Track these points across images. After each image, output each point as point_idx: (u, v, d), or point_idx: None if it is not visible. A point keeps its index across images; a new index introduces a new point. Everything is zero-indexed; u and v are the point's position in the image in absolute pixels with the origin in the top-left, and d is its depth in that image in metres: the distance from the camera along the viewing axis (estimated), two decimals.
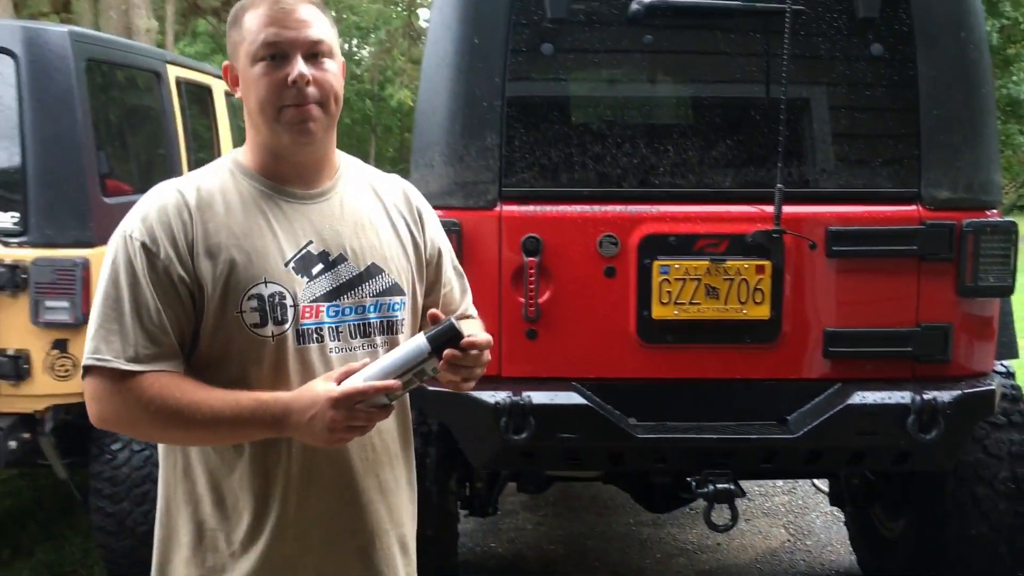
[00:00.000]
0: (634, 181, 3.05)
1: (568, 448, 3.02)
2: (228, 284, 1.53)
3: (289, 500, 1.59)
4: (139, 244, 1.52)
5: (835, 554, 4.37)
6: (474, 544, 4.46)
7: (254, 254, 1.55)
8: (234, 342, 1.55)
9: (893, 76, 3.05)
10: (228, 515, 1.60)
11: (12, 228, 3.44)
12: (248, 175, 1.63)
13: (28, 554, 4.22)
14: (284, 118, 1.56)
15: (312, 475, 1.60)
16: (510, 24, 3.00)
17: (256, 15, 1.57)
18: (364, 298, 1.64)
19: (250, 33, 1.56)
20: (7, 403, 3.44)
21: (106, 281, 1.54)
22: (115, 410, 1.53)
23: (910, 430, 2.88)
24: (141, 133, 4.62)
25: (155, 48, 5.90)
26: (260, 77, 1.55)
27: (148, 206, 1.56)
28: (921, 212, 2.99)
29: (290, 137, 1.57)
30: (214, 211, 1.57)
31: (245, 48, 1.57)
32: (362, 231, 1.66)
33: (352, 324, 1.62)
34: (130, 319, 1.51)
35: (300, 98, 1.55)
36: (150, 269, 1.52)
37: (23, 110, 3.44)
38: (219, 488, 1.60)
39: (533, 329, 3.02)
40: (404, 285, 1.70)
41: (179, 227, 1.53)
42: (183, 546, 1.62)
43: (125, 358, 1.50)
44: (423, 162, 3.07)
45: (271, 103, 1.55)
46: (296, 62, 1.55)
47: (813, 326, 3.01)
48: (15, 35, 3.48)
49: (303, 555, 1.62)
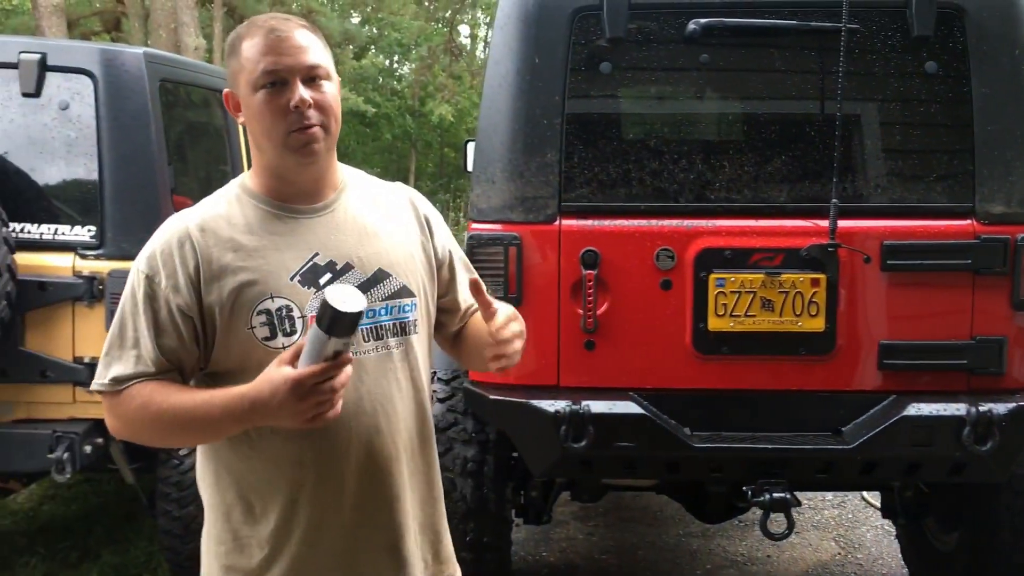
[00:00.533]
0: (690, 196, 3.12)
1: (625, 457, 3.09)
2: (238, 302, 1.63)
3: (318, 502, 1.67)
4: (143, 276, 1.65)
5: (886, 567, 4.38)
6: (526, 553, 4.53)
7: (260, 272, 1.64)
8: (250, 355, 1.63)
9: (947, 93, 3.09)
10: (257, 521, 1.68)
11: (89, 241, 3.58)
12: (254, 197, 1.71)
13: (95, 557, 4.36)
14: (290, 142, 1.63)
15: (343, 477, 1.68)
16: (569, 44, 3.09)
17: (253, 44, 1.64)
18: (374, 302, 1.70)
19: (249, 62, 1.63)
20: (83, 409, 3.58)
21: (120, 307, 1.67)
22: (117, 423, 1.66)
23: (965, 442, 2.91)
24: (205, 149, 4.77)
25: (219, 68, 6.08)
26: (263, 104, 1.62)
27: (156, 240, 1.68)
28: (976, 226, 3.03)
29: (295, 159, 1.66)
30: (219, 236, 1.65)
31: (245, 77, 1.64)
32: (367, 239, 1.74)
33: (365, 328, 1.69)
34: (129, 344, 1.63)
35: (303, 121, 1.63)
36: (151, 299, 1.63)
37: (100, 128, 3.58)
38: (247, 496, 1.68)
39: (591, 340, 3.09)
40: (414, 287, 1.77)
41: (180, 260, 1.63)
42: (221, 554, 1.71)
43: (112, 379, 1.63)
44: (484, 178, 3.17)
45: (277, 129, 1.63)
46: (296, 87, 1.62)
47: (868, 338, 3.06)
48: (93, 57, 3.63)
49: (333, 556, 1.70)
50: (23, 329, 3.52)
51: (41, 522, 4.86)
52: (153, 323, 1.63)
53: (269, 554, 1.68)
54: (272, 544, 1.68)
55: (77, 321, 3.53)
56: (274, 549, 1.68)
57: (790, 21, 3.05)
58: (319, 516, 1.68)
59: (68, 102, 3.60)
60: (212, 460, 1.72)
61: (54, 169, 3.65)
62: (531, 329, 3.05)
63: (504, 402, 3.08)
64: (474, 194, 3.21)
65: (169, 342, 1.63)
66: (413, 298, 1.77)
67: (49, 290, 3.50)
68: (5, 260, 3.34)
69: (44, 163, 3.64)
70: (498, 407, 3.08)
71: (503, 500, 3.46)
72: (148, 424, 1.63)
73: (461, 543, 3.35)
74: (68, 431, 3.49)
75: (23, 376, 3.52)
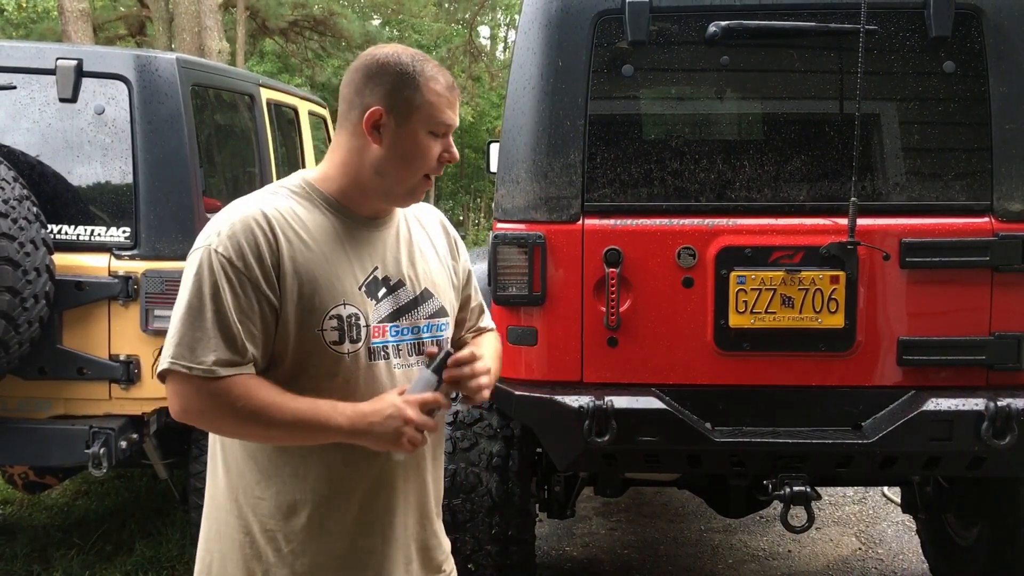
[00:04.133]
0: (711, 195, 3.17)
1: (648, 451, 3.15)
2: (311, 304, 1.68)
3: (355, 501, 1.76)
4: (224, 259, 1.63)
5: (907, 562, 4.42)
6: (549, 547, 4.60)
7: (334, 277, 1.71)
8: (312, 356, 1.69)
9: (965, 92, 3.13)
10: (287, 516, 1.74)
11: (124, 242, 3.68)
12: (326, 200, 1.77)
13: (129, 550, 4.46)
14: (418, 185, 1.77)
15: (384, 476, 1.77)
16: (592, 47, 3.16)
17: (438, 92, 1.73)
18: (419, 320, 1.83)
19: (431, 107, 1.72)
20: (118, 405, 3.68)
21: (189, 292, 1.64)
22: (200, 409, 1.65)
23: (984, 436, 2.95)
24: (236, 152, 4.87)
25: (249, 72, 6.19)
26: (427, 148, 1.74)
27: (231, 222, 1.66)
28: (994, 224, 3.06)
29: (406, 198, 1.80)
30: (294, 232, 1.70)
31: (422, 115, 1.72)
32: (415, 259, 1.86)
33: (409, 343, 1.81)
34: (212, 328, 1.62)
35: (439, 172, 1.79)
36: (235, 283, 1.63)
37: (135, 132, 3.69)
38: (281, 492, 1.74)
39: (614, 337, 3.16)
40: (448, 308, 1.91)
41: (265, 245, 1.65)
42: (239, 545, 1.76)
43: (211, 364, 1.62)
44: (509, 178, 3.23)
45: (421, 170, 1.76)
46: (452, 145, 1.78)
47: (887, 335, 3.10)
48: (127, 62, 3.74)
49: (365, 552, 1.78)
50: (61, 328, 3.62)
51: (76, 517, 4.98)
52: (238, 308, 1.63)
53: (298, 548, 1.74)
54: (302, 538, 1.74)
55: (113, 320, 3.63)
56: (302, 543, 1.74)
57: (809, 23, 3.10)
58: (357, 513, 1.76)
59: (104, 107, 3.71)
60: (228, 454, 1.77)
61: (90, 172, 3.76)
62: (555, 327, 3.15)
63: (529, 398, 3.14)
64: (499, 194, 3.28)
65: (254, 330, 1.65)
66: (447, 318, 1.90)
67: (86, 290, 3.61)
68: (44, 261, 3.44)
69: (80, 166, 3.75)
70: (523, 403, 3.15)
71: (527, 494, 3.53)
72: (241, 418, 1.63)
73: (487, 536, 3.43)
74: (104, 427, 3.59)
75: (61, 373, 3.63)
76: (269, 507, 1.74)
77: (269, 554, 1.74)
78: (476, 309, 2.09)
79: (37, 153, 3.72)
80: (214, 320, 1.62)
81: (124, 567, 4.28)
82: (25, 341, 3.43)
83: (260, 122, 4.77)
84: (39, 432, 3.64)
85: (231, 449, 1.78)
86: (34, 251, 3.37)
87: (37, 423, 3.65)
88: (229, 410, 1.64)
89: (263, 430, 1.67)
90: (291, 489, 1.73)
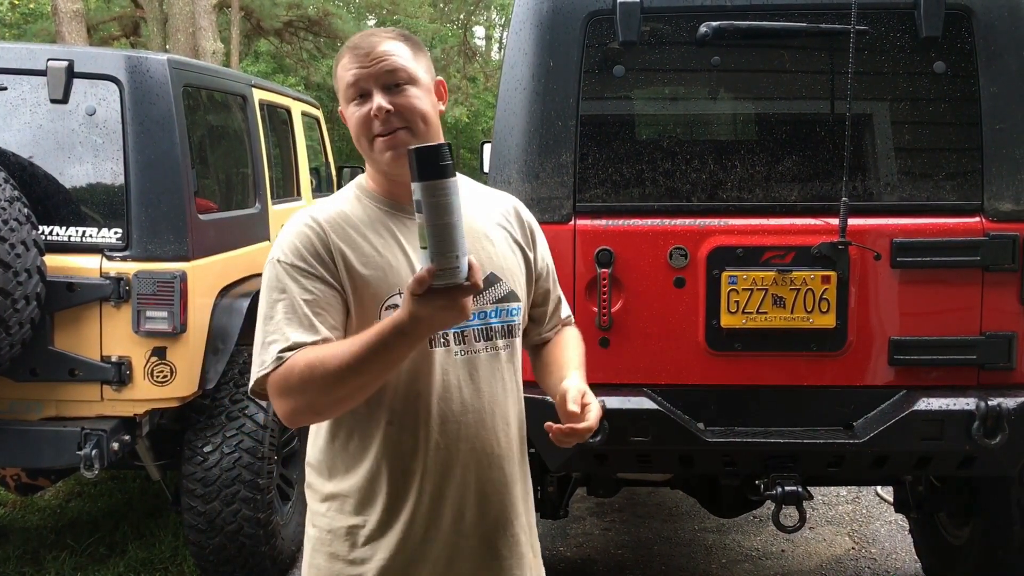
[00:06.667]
0: (702, 196, 3.17)
1: (640, 451, 3.15)
2: (368, 296, 1.71)
3: (424, 493, 1.76)
4: (288, 264, 1.71)
5: (900, 562, 4.43)
6: (543, 547, 4.57)
7: (388, 268, 1.73)
8: None
9: (955, 92, 3.13)
10: (365, 509, 1.77)
11: (115, 243, 3.68)
12: (371, 197, 1.82)
13: (122, 552, 4.46)
14: (376, 147, 1.74)
15: (449, 469, 1.77)
16: (583, 48, 3.16)
17: (344, 62, 1.77)
18: (486, 304, 1.80)
19: (341, 80, 1.76)
20: (110, 407, 3.67)
21: (263, 303, 1.73)
22: (287, 401, 1.65)
23: (975, 435, 2.96)
24: (229, 153, 4.87)
25: (242, 73, 6.18)
26: (352, 116, 1.75)
27: (288, 234, 1.75)
28: (984, 224, 3.07)
29: (386, 162, 1.75)
30: (345, 232, 1.75)
31: (341, 93, 1.78)
32: (479, 243, 1.82)
33: (476, 329, 1.79)
34: (283, 323, 1.68)
35: (385, 127, 1.72)
36: (302, 282, 1.69)
37: (126, 133, 3.68)
38: (359, 486, 1.76)
39: (606, 337, 3.16)
40: (519, 292, 1.87)
41: (321, 244, 1.72)
42: (326, 541, 1.80)
43: (278, 352, 1.65)
44: (501, 179, 3.23)
45: (363, 136, 1.75)
46: (374, 97, 1.72)
47: (878, 334, 3.10)
48: (119, 63, 3.73)
49: (434, 545, 1.78)
50: (52, 329, 3.62)
51: (68, 518, 4.97)
52: (310, 302, 1.68)
53: (374, 540, 1.76)
54: (376, 531, 1.76)
55: (104, 321, 3.63)
56: (377, 536, 1.76)
57: (800, 23, 3.10)
58: (427, 506, 1.76)
59: (95, 108, 3.70)
60: (327, 449, 1.80)
61: (81, 173, 3.76)
62: None
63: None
64: None
65: (331, 319, 1.69)
66: (519, 303, 1.87)
67: (77, 291, 3.60)
68: (35, 262, 3.44)
69: (72, 167, 3.75)
70: None
71: None
72: (320, 383, 1.60)
73: None
74: (96, 428, 3.59)
75: (52, 374, 3.63)
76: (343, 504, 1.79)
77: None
78: (555, 302, 2.05)
79: (28, 154, 3.72)
80: (283, 317, 1.68)
81: (117, 569, 4.27)
82: (16, 343, 3.42)
83: (253, 123, 4.76)
84: (31, 434, 3.63)
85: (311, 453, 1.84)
86: (25, 252, 3.36)
87: (29, 425, 3.65)
88: (307, 382, 1.61)
89: (340, 382, 1.60)
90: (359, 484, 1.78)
